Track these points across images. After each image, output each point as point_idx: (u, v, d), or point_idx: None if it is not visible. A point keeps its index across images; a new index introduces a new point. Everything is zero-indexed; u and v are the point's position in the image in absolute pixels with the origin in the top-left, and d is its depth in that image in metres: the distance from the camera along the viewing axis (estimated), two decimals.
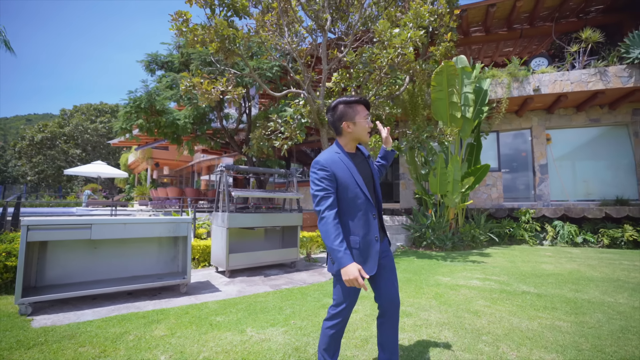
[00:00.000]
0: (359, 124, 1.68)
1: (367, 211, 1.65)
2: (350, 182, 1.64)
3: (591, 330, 2.61)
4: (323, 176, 1.62)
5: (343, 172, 1.64)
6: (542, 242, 7.50)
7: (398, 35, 5.14)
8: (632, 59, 7.17)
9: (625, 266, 5.02)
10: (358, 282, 1.43)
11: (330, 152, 1.71)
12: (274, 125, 7.09)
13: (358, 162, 1.74)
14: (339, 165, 1.65)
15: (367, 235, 1.64)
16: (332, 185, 1.62)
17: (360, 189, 1.64)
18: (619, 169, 8.44)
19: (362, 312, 3.01)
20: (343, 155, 1.70)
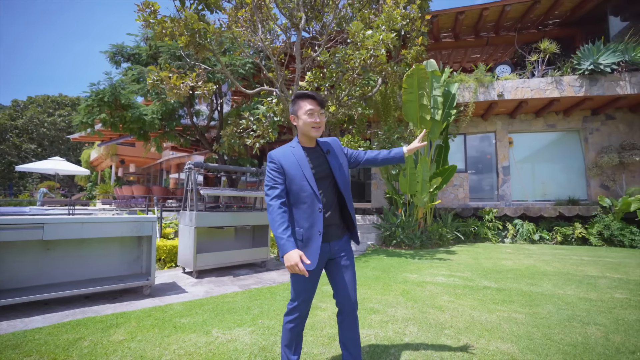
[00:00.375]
0: (301, 119, 1.72)
1: (313, 205, 1.68)
2: (296, 175, 1.68)
3: (542, 320, 2.79)
4: (272, 168, 1.71)
5: (291, 165, 1.69)
6: (504, 240, 7.92)
7: (371, 37, 5.23)
8: (582, 70, 7.74)
9: (574, 261, 5.41)
10: (298, 267, 1.48)
11: (285, 146, 1.78)
12: (246, 123, 6.97)
13: (314, 156, 1.77)
14: (289, 158, 1.71)
15: (310, 229, 1.66)
16: (280, 177, 1.69)
17: (307, 182, 1.68)
18: (571, 172, 9.07)
19: (330, 310, 3.03)
20: (297, 149, 1.75)
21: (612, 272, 4.58)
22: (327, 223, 1.73)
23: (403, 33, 7.50)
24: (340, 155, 1.86)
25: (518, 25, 9.75)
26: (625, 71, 7.70)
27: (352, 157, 1.95)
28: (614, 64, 7.62)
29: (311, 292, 1.75)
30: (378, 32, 5.36)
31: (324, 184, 1.75)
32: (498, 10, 8.79)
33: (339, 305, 1.78)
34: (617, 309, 3.11)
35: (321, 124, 1.73)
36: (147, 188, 12.16)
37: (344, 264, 1.78)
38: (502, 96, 8.07)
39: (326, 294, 3.56)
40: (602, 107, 8.53)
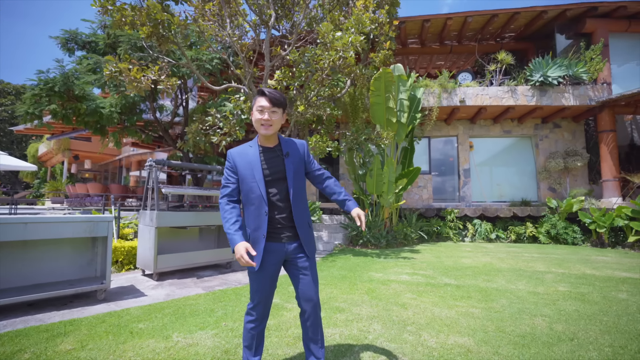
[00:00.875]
0: (253, 115, 1.70)
1: (260, 207, 1.68)
2: (247, 176, 1.70)
3: (496, 314, 2.96)
4: (227, 166, 1.76)
5: (244, 165, 1.71)
6: (464, 239, 8.34)
7: (340, 39, 5.28)
8: (534, 81, 8.36)
9: (526, 258, 5.82)
10: (244, 258, 1.53)
11: (244, 145, 1.78)
12: (212, 120, 6.76)
13: (269, 157, 1.73)
14: (244, 158, 1.72)
15: (256, 231, 1.68)
16: (233, 177, 1.73)
17: (256, 184, 1.67)
18: (524, 175, 9.75)
19: (296, 311, 3.01)
20: (253, 149, 1.74)
21: (557, 268, 4.98)
22: (280, 225, 1.71)
23: (372, 37, 7.66)
24: (300, 160, 1.80)
25: (478, 36, 10.32)
26: (569, 84, 8.42)
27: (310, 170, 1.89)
28: (560, 77, 8.30)
29: (268, 293, 1.73)
30: (347, 34, 5.43)
31: (280, 186, 1.72)
32: (461, 20, 9.25)
33: (301, 305, 1.77)
34: (560, 300, 3.39)
35: (271, 122, 1.66)
36: (104, 186, 11.40)
37: (303, 265, 1.75)
38: (463, 102, 8.50)
39: (292, 294, 3.54)
40: (550, 116, 9.26)
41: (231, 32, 5.61)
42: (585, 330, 2.64)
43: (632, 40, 8.91)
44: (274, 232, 1.71)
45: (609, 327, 2.70)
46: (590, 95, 8.42)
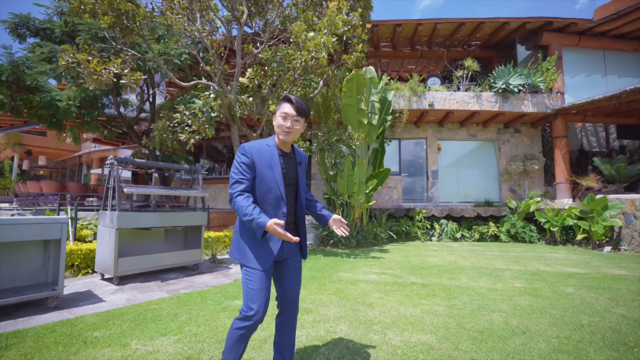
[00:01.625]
0: (276, 119, 1.71)
1: (277, 208, 1.68)
2: (267, 175, 1.66)
3: (458, 311, 3.09)
4: (243, 161, 1.65)
5: (264, 163, 1.66)
6: (432, 238, 8.63)
7: (312, 39, 5.27)
8: (497, 88, 8.81)
9: (487, 256, 6.12)
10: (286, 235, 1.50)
11: (261, 142, 1.73)
12: (180, 117, 6.53)
13: (286, 161, 1.76)
14: (263, 155, 1.67)
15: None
16: (249, 173, 1.64)
17: (276, 184, 1.66)
18: (488, 177, 10.26)
19: None
20: (273, 150, 1.72)
21: (515, 265, 5.28)
22: (287, 226, 1.74)
23: (345, 39, 7.73)
24: (304, 170, 1.90)
25: (447, 43, 10.72)
26: (528, 92, 8.96)
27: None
28: (520, 85, 8.81)
29: (268, 294, 1.68)
30: (320, 35, 5.44)
31: (290, 190, 1.76)
32: (430, 27, 9.55)
33: (282, 306, 1.78)
34: (516, 296, 3.59)
35: (292, 130, 1.69)
36: (60, 184, 10.66)
37: (294, 265, 1.80)
38: (432, 106, 8.79)
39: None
40: (512, 122, 9.80)
41: (201, 27, 5.44)
42: (536, 323, 2.82)
43: (582, 54, 9.62)
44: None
45: (557, 320, 2.90)
46: (546, 103, 9.00)
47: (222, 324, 2.73)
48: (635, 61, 9.80)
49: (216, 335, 2.50)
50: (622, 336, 2.57)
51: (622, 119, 9.40)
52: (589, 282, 4.25)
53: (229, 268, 5.16)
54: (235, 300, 3.38)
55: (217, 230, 7.78)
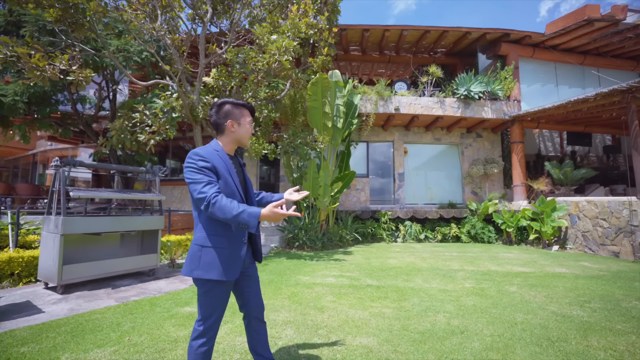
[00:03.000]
0: (244, 126, 1.71)
1: None
2: (228, 180, 1.64)
3: (405, 313, 3.19)
4: (205, 166, 1.57)
5: (223, 169, 1.63)
6: (396, 240, 8.85)
7: (274, 42, 5.26)
8: (459, 94, 9.18)
9: (445, 257, 6.36)
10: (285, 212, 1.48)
11: (209, 147, 1.68)
12: (139, 117, 6.31)
13: (235, 165, 1.76)
14: (218, 161, 1.63)
15: (236, 238, 1.63)
16: (215, 177, 1.59)
17: (237, 189, 1.65)
18: (452, 179, 10.65)
19: (231, 323, 2.94)
20: (223, 154, 1.69)
21: (469, 265, 5.53)
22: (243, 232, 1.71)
23: (312, 42, 7.77)
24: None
25: (413, 49, 11.04)
26: (488, 99, 9.40)
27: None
28: (480, 92, 9.23)
29: (225, 307, 1.65)
30: (283, 38, 5.44)
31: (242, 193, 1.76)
32: (397, 33, 9.80)
33: (250, 315, 1.80)
34: (463, 297, 3.76)
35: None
36: (8, 185, 9.96)
37: (253, 274, 1.83)
38: (398, 110, 9.02)
39: None
40: (474, 127, 10.24)
41: (158, 25, 5.27)
42: (475, 322, 2.97)
43: (536, 65, 10.23)
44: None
45: (495, 318, 3.06)
46: (504, 110, 9.48)
47: (165, 332, 2.67)
48: (581, 73, 10.55)
49: (157, 344, 2.45)
50: (548, 332, 2.76)
51: (570, 126, 10.08)
52: (531, 280, 4.53)
53: None
54: (186, 307, 3.31)
55: (180, 233, 7.57)
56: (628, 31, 8.85)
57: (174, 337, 2.57)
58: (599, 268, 5.34)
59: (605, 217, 6.69)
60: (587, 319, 3.07)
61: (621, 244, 6.33)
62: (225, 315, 3.05)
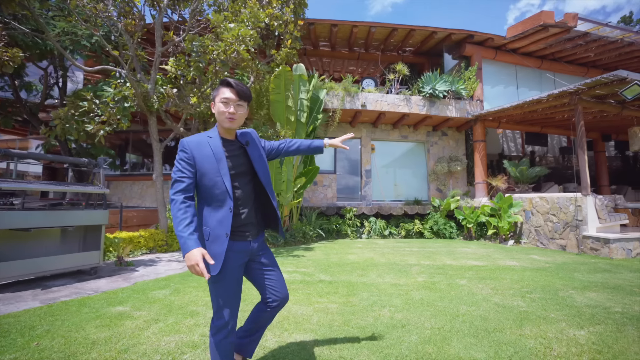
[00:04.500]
0: (216, 106, 1.62)
1: (224, 203, 1.56)
2: (210, 169, 1.55)
3: (350, 308, 3.13)
4: (182, 158, 1.55)
5: (205, 158, 1.56)
6: (361, 236, 8.88)
7: (230, 31, 5.06)
8: (425, 93, 9.32)
9: (405, 252, 6.42)
10: (199, 266, 1.37)
11: (202, 135, 1.63)
12: (88, 106, 5.90)
13: (232, 150, 1.65)
14: (203, 149, 1.57)
15: (218, 229, 1.54)
16: (189, 170, 1.54)
17: (221, 178, 1.55)
18: (418, 177, 10.83)
19: (163, 322, 2.74)
20: (215, 140, 1.61)
21: (426, 260, 5.59)
22: (244, 222, 1.63)
23: (277, 34, 7.60)
24: (258, 148, 1.77)
25: (382, 47, 11.11)
26: (452, 98, 9.62)
27: (271, 150, 1.90)
28: (445, 91, 9.42)
29: (238, 300, 1.62)
30: (240, 27, 5.24)
31: (243, 180, 1.66)
32: (365, 29, 9.80)
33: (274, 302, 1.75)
34: (413, 290, 3.76)
35: (236, 115, 1.60)
36: None
37: (268, 261, 1.76)
38: (365, 106, 9.03)
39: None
40: (439, 125, 10.46)
41: (102, 5, 4.91)
42: (419, 316, 2.95)
43: (499, 67, 10.59)
44: (238, 230, 1.61)
45: (439, 311, 3.07)
46: (467, 110, 9.74)
47: (84, 335, 2.45)
48: (539, 77, 11.04)
49: (69, 348, 2.23)
50: (487, 323, 2.79)
51: (528, 127, 10.52)
52: (482, 273, 4.63)
53: (134, 270, 4.76)
54: (118, 307, 3.08)
55: (135, 230, 7.19)
56: (578, 38, 9.33)
57: (92, 340, 2.36)
58: (546, 260, 5.57)
59: (555, 212, 7.02)
60: (526, 308, 3.14)
61: (567, 237, 6.66)
62: (158, 313, 2.87)
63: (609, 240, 5.85)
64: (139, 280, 4.20)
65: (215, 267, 1.51)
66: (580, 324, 2.76)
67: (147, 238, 6.27)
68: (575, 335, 2.54)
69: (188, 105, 5.76)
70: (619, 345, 2.36)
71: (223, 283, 1.56)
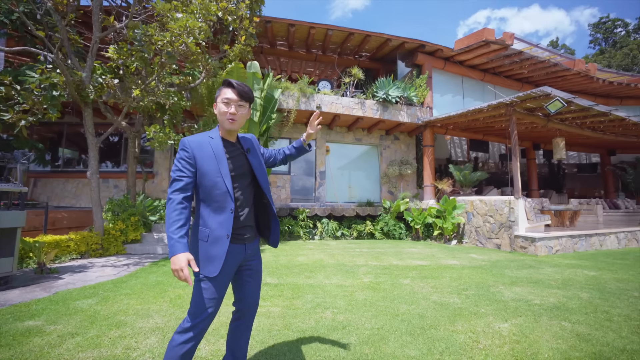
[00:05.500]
0: (217, 107, 1.63)
1: (225, 204, 1.55)
2: (211, 170, 1.54)
3: (293, 311, 3.08)
4: (182, 157, 1.54)
5: (206, 158, 1.55)
6: (314, 237, 8.89)
7: (177, 21, 4.77)
8: (379, 97, 9.62)
9: (355, 253, 6.53)
10: (183, 272, 1.36)
11: (203, 135, 1.63)
12: (5, 92, 5.22)
13: (232, 151, 1.65)
14: (204, 149, 1.56)
15: (218, 230, 1.52)
16: (189, 169, 1.53)
17: (222, 179, 1.54)
18: (371, 179, 11.13)
19: (81, 337, 2.44)
20: (216, 141, 1.61)
21: (374, 261, 5.73)
22: (242, 225, 1.62)
23: (232, 29, 7.35)
24: (257, 155, 1.77)
25: (339, 50, 11.27)
26: (404, 104, 10.02)
27: (269, 157, 1.94)
28: (397, 97, 9.79)
29: (219, 304, 1.56)
30: (188, 18, 4.97)
31: (242, 182, 1.65)
32: (323, 32, 9.88)
33: (242, 311, 1.74)
34: (358, 291, 3.81)
35: (237, 116, 1.60)
36: None
37: (257, 268, 1.75)
38: (320, 108, 9.07)
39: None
40: (392, 129, 10.85)
41: None
42: (360, 317, 2.98)
43: (447, 77, 11.26)
44: (236, 233, 1.59)
45: (380, 311, 3.13)
46: (418, 115, 10.21)
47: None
48: (482, 89, 11.94)
49: None
50: (424, 320, 2.89)
51: (472, 134, 11.33)
52: (425, 273, 4.84)
53: (58, 278, 4.27)
54: (28, 321, 2.72)
55: (66, 232, 6.49)
56: (514, 56, 10.25)
57: None
58: (483, 259, 5.99)
59: (492, 214, 7.60)
60: (460, 305, 3.32)
61: (502, 237, 7.25)
62: (77, 326, 2.58)
63: (535, 239, 6.46)
64: (62, 289, 3.77)
65: (214, 268, 1.50)
66: (505, 317, 2.98)
67: (79, 241, 5.69)
68: (499, 327, 2.73)
69: (129, 98, 5.33)
70: (534, 334, 2.58)
71: (215, 285, 1.53)
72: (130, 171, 7.09)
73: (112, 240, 6.10)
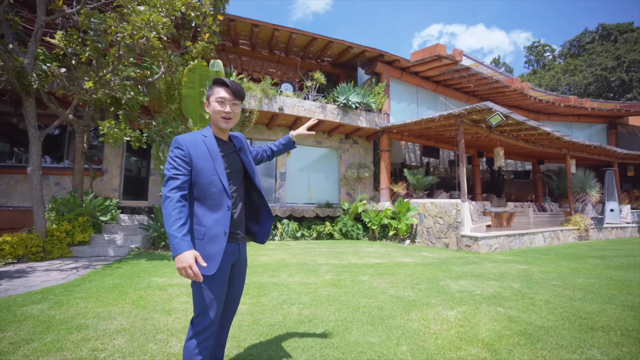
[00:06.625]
0: (211, 106, 1.63)
1: (221, 202, 1.55)
2: (206, 167, 1.54)
3: (260, 308, 3.18)
4: (177, 155, 1.53)
5: (201, 156, 1.55)
6: (274, 238, 8.95)
7: (140, 14, 4.61)
8: (339, 102, 9.96)
9: (316, 253, 6.74)
10: (192, 269, 1.36)
11: (196, 133, 1.62)
12: None
13: (226, 150, 1.66)
14: (199, 147, 1.56)
15: (214, 228, 1.52)
16: (185, 167, 1.52)
17: (218, 177, 1.55)
18: (330, 181, 11.44)
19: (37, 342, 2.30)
20: (210, 139, 1.61)
21: (334, 260, 5.97)
22: (237, 222, 1.64)
23: (194, 25, 7.18)
24: (248, 153, 1.80)
25: (302, 54, 11.46)
26: (363, 110, 10.49)
27: (256, 155, 1.99)
28: (357, 103, 10.22)
29: (222, 302, 1.58)
30: (153, 11, 4.82)
31: (237, 179, 1.67)
32: (287, 34, 10.00)
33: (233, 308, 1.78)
34: (321, 288, 4.00)
35: (232, 115, 1.62)
36: None
37: (243, 265, 1.78)
38: (282, 110, 9.17)
39: None
40: (351, 134, 11.27)
41: None
42: (324, 310, 3.17)
43: (404, 86, 11.99)
44: (230, 231, 1.60)
45: (343, 305, 3.34)
46: (376, 121, 10.74)
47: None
48: (434, 99, 12.89)
49: None
50: (382, 312, 3.16)
51: (425, 141, 12.17)
52: (382, 270, 5.18)
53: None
54: None
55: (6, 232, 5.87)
56: (463, 71, 11.25)
57: None
58: (433, 257, 6.53)
59: (442, 215, 8.28)
60: (414, 297, 3.66)
61: (450, 236, 7.93)
62: (30, 332, 2.45)
63: (478, 238, 7.18)
64: (2, 295, 3.46)
65: (211, 267, 1.50)
66: (452, 306, 3.36)
67: (15, 244, 5.19)
68: (447, 315, 3.08)
69: (81, 90, 5.00)
70: (475, 319, 2.97)
71: (214, 284, 1.53)
72: (77, 168, 6.59)
73: (56, 242, 5.64)
